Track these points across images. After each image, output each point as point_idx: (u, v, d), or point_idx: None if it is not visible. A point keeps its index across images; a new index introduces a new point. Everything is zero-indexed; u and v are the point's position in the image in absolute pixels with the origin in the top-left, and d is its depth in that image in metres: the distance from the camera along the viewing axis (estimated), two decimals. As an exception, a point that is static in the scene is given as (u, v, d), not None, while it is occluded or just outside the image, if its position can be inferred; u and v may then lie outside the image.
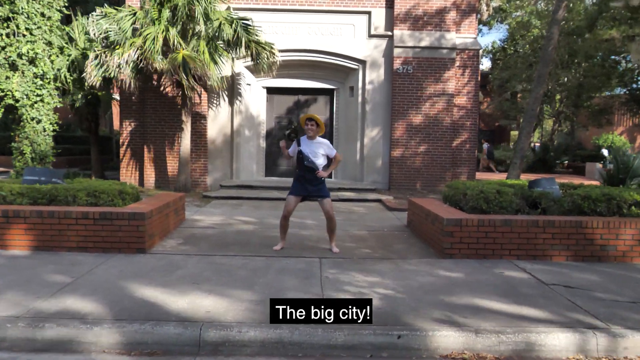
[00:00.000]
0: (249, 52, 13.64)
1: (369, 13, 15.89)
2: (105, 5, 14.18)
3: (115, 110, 28.34)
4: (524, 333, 4.69)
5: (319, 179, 7.59)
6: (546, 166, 28.07)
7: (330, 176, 16.81)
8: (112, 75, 13.01)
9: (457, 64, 16.06)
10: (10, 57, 12.67)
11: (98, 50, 13.30)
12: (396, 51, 15.72)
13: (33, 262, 6.81)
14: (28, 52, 12.76)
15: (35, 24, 12.96)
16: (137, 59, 12.86)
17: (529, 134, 16.40)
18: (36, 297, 5.37)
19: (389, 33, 15.89)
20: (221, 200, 13.73)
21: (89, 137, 18.28)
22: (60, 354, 4.47)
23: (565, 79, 31.00)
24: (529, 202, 8.34)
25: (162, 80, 14.70)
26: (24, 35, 12.83)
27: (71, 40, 15.60)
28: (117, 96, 19.13)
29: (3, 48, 12.64)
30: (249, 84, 16.20)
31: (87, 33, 15.98)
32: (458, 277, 6.46)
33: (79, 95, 15.48)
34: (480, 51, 17.00)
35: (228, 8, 14.91)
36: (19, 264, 6.70)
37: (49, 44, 13.47)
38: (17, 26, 12.69)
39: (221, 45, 13.93)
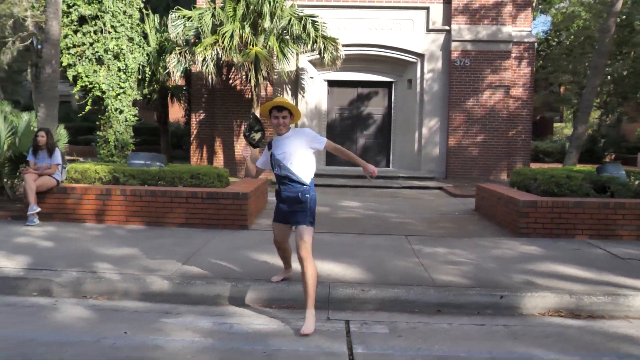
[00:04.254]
0: (316, 47, 14.41)
1: (427, 8, 16.51)
2: (178, 7, 15.08)
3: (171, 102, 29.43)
4: (613, 295, 5.31)
5: (300, 197, 4.91)
6: (594, 157, 28.17)
7: (387, 165, 17.55)
8: (198, 69, 13.95)
9: (513, 56, 16.55)
10: (97, 52, 13.65)
11: (179, 48, 14.23)
12: (453, 45, 16.30)
13: (152, 234, 7.67)
14: (113, 48, 13.72)
15: (119, 21, 13.91)
16: (217, 54, 13.76)
17: (585, 125, 16.82)
18: (175, 261, 6.20)
19: (447, 27, 16.48)
20: (289, 186, 14.50)
21: (158, 127, 19.30)
22: (210, 306, 5.26)
23: (611, 69, 30.92)
24: (597, 187, 8.90)
25: (230, 74, 15.55)
26: (109, 32, 13.79)
27: (145, 36, 16.57)
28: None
29: (91, 44, 13.63)
30: (312, 77, 16.98)
31: (157, 30, 17.00)
32: (537, 252, 7.10)
33: (154, 88, 16.44)
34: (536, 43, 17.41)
35: (292, 5, 15.67)
36: (142, 236, 7.57)
37: (131, 40, 14.43)
38: (104, 24, 13.65)
39: (288, 40, 14.72)
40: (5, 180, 9.77)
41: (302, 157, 4.96)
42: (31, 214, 8.03)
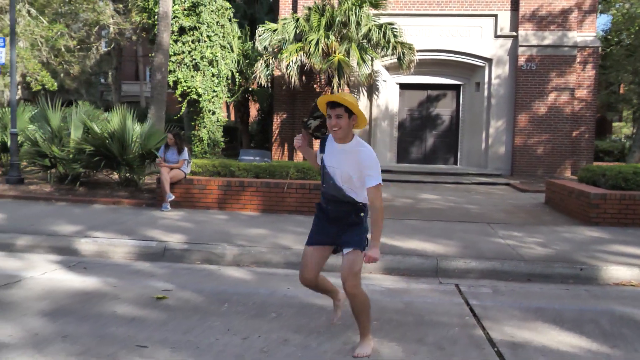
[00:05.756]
0: (395, 53, 15.63)
1: (495, 15, 17.52)
2: (266, 21, 16.57)
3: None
4: (677, 269, 6.39)
5: (352, 215, 4.09)
6: (655, 158, 28.49)
7: (455, 162, 18.63)
8: (280, 74, 15.38)
9: (578, 60, 17.40)
10: (194, 59, 15.20)
11: (266, 55, 15.68)
12: (520, 49, 17.26)
13: (270, 219, 9.02)
14: (209, 56, 15.24)
15: (213, 31, 15.44)
16: (300, 60, 15.14)
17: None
18: (302, 239, 7.49)
19: (514, 33, 17.45)
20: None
21: (239, 127, 20.89)
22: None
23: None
24: (661, 182, 9.85)
25: (310, 78, 16.89)
26: (205, 41, 15.31)
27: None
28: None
29: (190, 52, 15.18)
30: (385, 81, 18.23)
31: (239, 37, 18.54)
32: (608, 237, 8.16)
33: (238, 91, 17.95)
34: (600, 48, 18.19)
35: (369, 14, 16.91)
36: (262, 220, 8.93)
37: (223, 47, 15.94)
38: (201, 34, 15.19)
39: (367, 46, 15.98)
40: (136, 174, 11.33)
41: (355, 178, 3.93)
42: (167, 201, 9.50)
